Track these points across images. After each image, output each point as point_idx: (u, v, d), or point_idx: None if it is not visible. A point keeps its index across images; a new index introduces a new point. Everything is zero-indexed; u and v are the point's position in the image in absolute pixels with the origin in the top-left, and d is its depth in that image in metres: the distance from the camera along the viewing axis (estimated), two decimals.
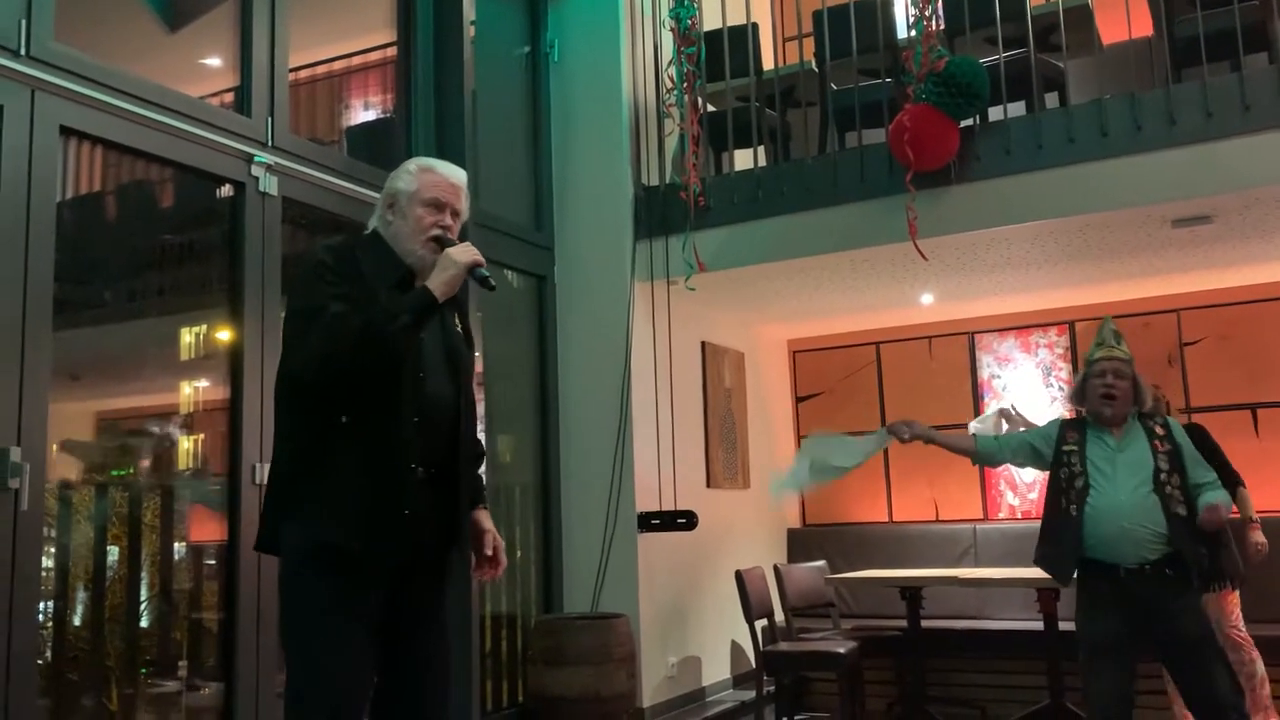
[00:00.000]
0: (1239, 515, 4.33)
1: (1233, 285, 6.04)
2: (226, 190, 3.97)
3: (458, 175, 2.54)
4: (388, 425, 2.31)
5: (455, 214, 2.50)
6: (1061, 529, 3.58)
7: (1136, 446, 3.58)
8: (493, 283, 2.49)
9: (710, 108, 5.76)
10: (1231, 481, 4.25)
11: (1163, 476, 3.50)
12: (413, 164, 2.55)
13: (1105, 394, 3.62)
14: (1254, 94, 4.36)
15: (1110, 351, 3.67)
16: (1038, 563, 3.74)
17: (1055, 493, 3.66)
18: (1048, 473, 3.78)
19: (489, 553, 2.58)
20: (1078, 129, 4.67)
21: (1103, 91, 5.01)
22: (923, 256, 4.96)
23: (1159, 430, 3.62)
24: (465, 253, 2.41)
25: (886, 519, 6.90)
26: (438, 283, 2.36)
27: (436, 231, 2.45)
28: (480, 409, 4.93)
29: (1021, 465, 3.98)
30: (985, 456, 4.00)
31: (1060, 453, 3.69)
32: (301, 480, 2.31)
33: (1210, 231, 4.96)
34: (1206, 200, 4.54)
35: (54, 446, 3.31)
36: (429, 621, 2.44)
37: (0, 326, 3.10)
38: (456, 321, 2.58)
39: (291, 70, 4.27)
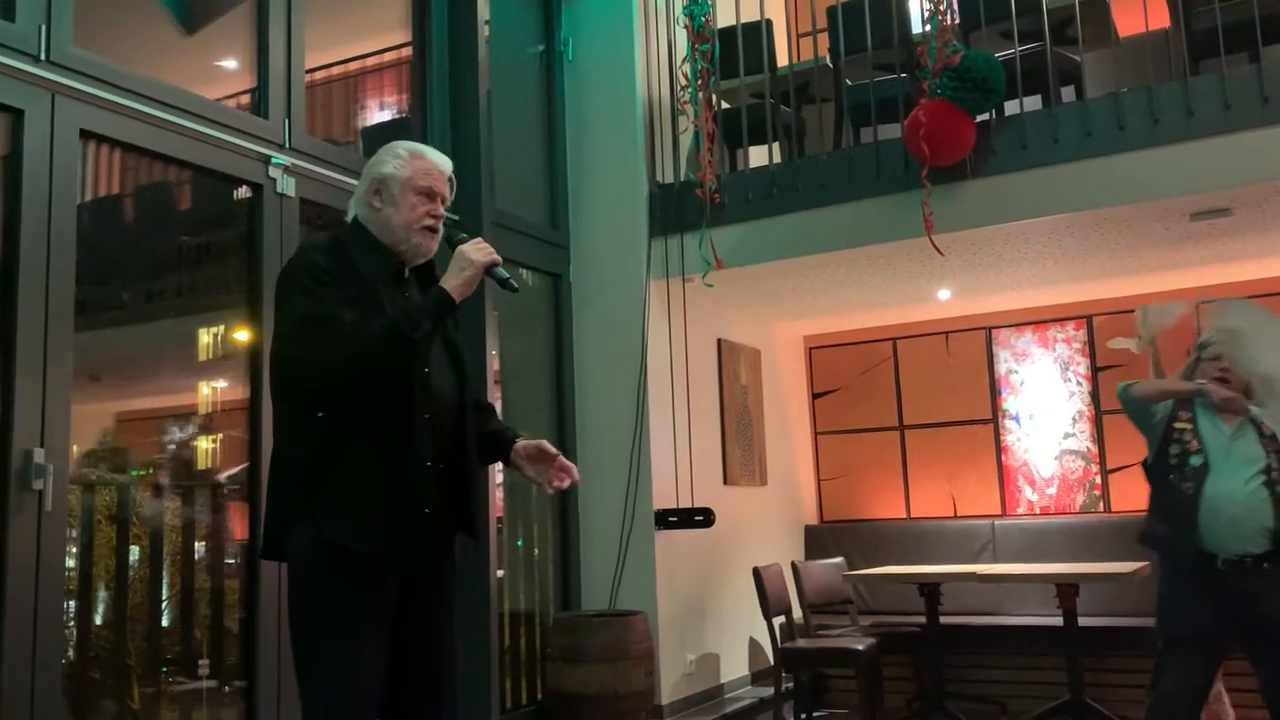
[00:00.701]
0: None
1: (1252, 278, 5.99)
2: (244, 192, 4.00)
3: (447, 162, 2.50)
4: (399, 424, 2.29)
5: (443, 202, 2.46)
6: (1176, 506, 3.47)
7: (1248, 438, 3.49)
8: (514, 284, 2.45)
9: (724, 105, 5.76)
10: None
11: (1274, 474, 3.41)
12: (401, 149, 2.46)
13: (1220, 377, 3.53)
14: (1273, 85, 4.33)
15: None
16: (1149, 541, 3.59)
17: (1165, 469, 3.54)
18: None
19: (552, 453, 2.50)
20: (1094, 122, 4.64)
21: (1120, 84, 4.99)
22: (939, 252, 4.95)
23: (1266, 429, 3.52)
24: (481, 251, 2.37)
25: (904, 515, 6.89)
26: (454, 283, 2.33)
27: (430, 221, 2.42)
28: (497, 408, 4.95)
29: (1137, 424, 3.72)
30: (1142, 404, 3.67)
31: (1171, 429, 3.57)
32: (314, 482, 2.26)
33: (1229, 224, 4.92)
34: (1225, 193, 4.51)
35: (75, 447, 3.35)
36: (437, 617, 2.43)
37: (23, 329, 3.13)
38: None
39: (307, 71, 4.29)
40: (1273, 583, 3.37)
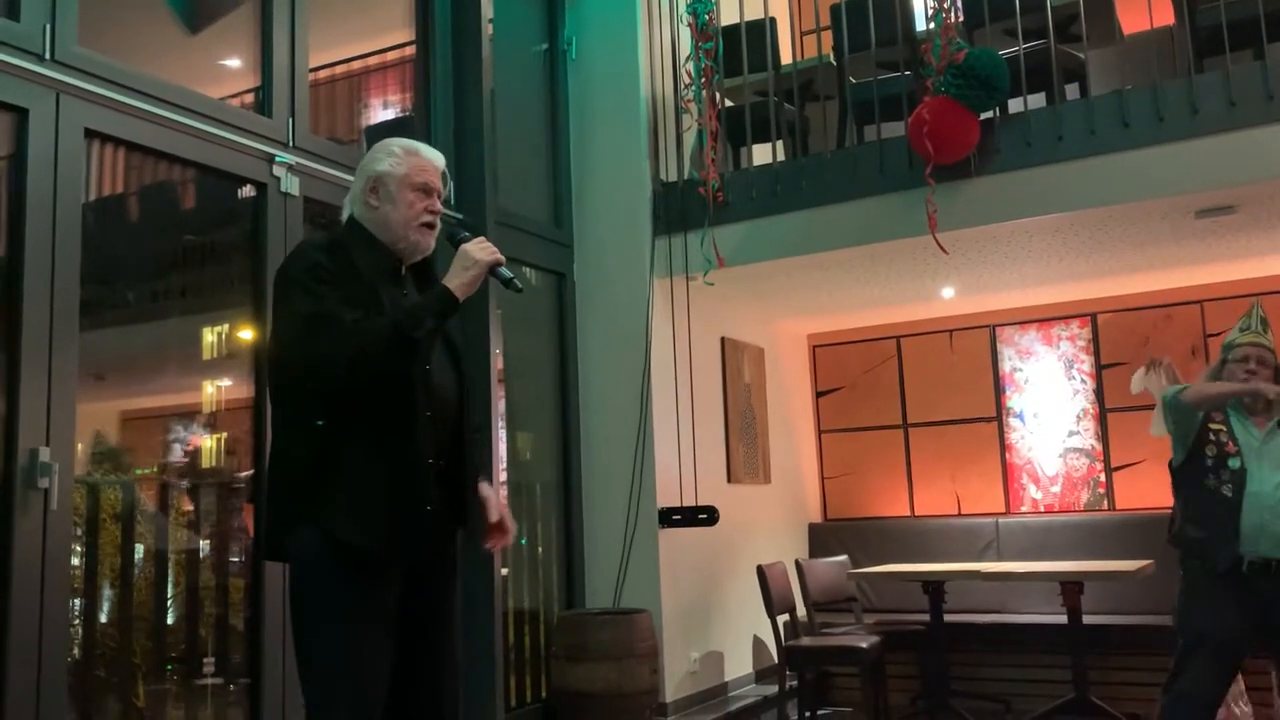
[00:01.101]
0: None
1: (1256, 275, 5.98)
2: (248, 191, 4.00)
3: (441, 158, 2.51)
4: (401, 422, 2.29)
5: (439, 197, 2.48)
6: (1214, 509, 3.41)
7: (1278, 441, 3.43)
8: (519, 284, 2.45)
9: (728, 103, 5.75)
10: None
11: None
12: (395, 146, 2.46)
13: (1247, 380, 3.47)
14: (1278, 83, 4.32)
15: (1256, 338, 3.54)
16: (1180, 544, 3.52)
17: (1199, 472, 3.47)
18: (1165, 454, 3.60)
19: (495, 519, 2.51)
20: (1099, 120, 4.63)
21: (1124, 82, 4.98)
22: (943, 250, 4.94)
23: None
24: (484, 250, 2.38)
25: (908, 513, 6.89)
26: (458, 282, 2.33)
27: (428, 217, 2.43)
28: (500, 406, 4.96)
29: (1175, 427, 3.63)
30: (1191, 411, 3.58)
31: (1207, 430, 3.51)
32: (316, 481, 2.25)
33: (1234, 222, 4.91)
34: (1230, 190, 4.50)
35: (80, 446, 3.35)
36: (441, 615, 2.43)
37: (29, 328, 3.14)
38: None
39: (311, 70, 4.30)
40: None
